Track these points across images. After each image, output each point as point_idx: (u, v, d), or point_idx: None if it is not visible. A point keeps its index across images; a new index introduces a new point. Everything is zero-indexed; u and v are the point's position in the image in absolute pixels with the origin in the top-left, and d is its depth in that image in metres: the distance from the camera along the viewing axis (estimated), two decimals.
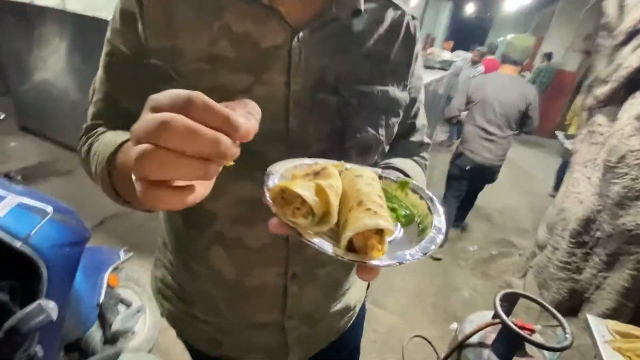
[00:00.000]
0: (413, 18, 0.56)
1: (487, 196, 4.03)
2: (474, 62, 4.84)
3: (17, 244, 0.87)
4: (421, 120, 0.66)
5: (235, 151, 0.25)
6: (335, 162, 0.40)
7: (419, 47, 0.57)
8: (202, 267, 0.57)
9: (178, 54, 0.44)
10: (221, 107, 0.24)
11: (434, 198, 0.39)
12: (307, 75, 0.46)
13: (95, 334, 1.23)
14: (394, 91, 0.53)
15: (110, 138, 0.44)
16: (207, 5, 0.43)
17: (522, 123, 2.26)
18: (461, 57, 5.25)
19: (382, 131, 0.53)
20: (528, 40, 2.27)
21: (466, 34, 14.95)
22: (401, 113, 0.56)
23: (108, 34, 0.48)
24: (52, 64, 3.04)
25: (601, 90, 1.81)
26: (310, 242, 0.30)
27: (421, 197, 0.39)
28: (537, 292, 2.09)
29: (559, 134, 2.94)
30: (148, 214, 2.49)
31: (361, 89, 0.49)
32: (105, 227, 2.30)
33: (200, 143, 0.22)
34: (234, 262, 0.54)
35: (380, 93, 0.51)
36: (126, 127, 0.35)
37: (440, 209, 0.37)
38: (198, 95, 0.23)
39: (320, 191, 0.31)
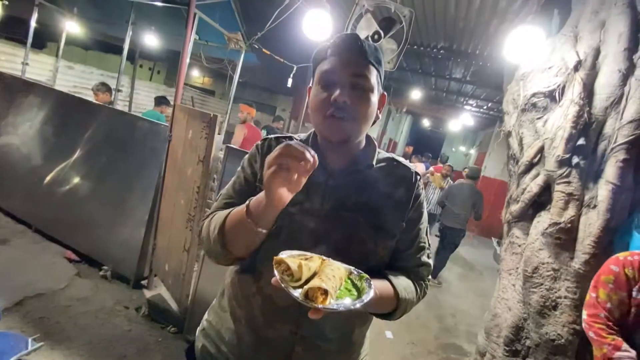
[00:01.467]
0: (417, 174, 0.83)
1: (443, 295, 4.12)
2: (445, 176, 5.43)
3: None
4: (421, 242, 0.83)
5: (310, 159, 0.57)
6: (322, 257, 0.64)
7: (419, 192, 0.82)
8: (244, 311, 0.79)
9: None
10: (301, 145, 0.58)
11: (372, 285, 0.61)
12: (334, 200, 0.75)
13: None
14: (393, 219, 0.78)
15: (225, 210, 0.75)
16: None
17: (475, 211, 4.35)
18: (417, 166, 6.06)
19: (380, 244, 0.77)
20: (478, 171, 4.70)
21: (424, 142, 16.98)
22: (398, 235, 0.79)
23: (238, 169, 0.84)
24: (23, 131, 3.10)
25: (514, 207, 2.13)
26: (286, 288, 0.54)
27: (368, 285, 0.62)
28: None
29: (494, 240, 3.23)
30: (79, 295, 2.28)
31: (368, 212, 0.76)
32: (23, 308, 2.06)
33: (298, 151, 0.56)
34: (265, 312, 0.76)
35: (382, 217, 0.76)
36: None
37: (372, 293, 0.59)
38: (289, 143, 0.58)
39: (300, 266, 0.57)
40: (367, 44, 0.74)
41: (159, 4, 2.90)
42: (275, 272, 0.56)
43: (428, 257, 0.85)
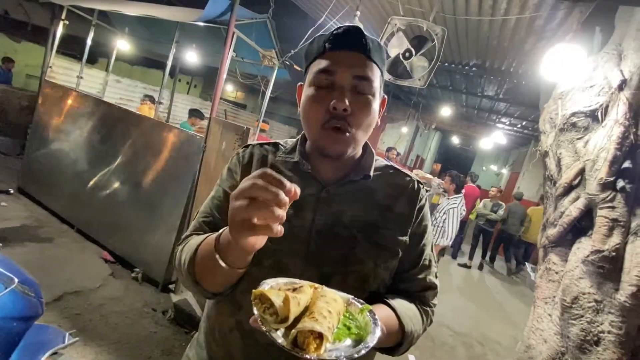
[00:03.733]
0: (419, 183, 0.75)
1: (471, 321, 3.91)
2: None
3: None
4: (426, 260, 0.73)
5: (286, 200, 0.42)
6: (314, 284, 0.52)
7: (423, 203, 0.73)
8: (221, 349, 0.67)
9: None
10: (277, 175, 0.43)
11: (378, 322, 0.49)
12: (328, 215, 0.65)
13: None
14: (394, 234, 0.68)
15: (198, 238, 0.64)
16: (272, 170, 0.71)
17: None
18: (437, 181, 5.85)
19: (380, 264, 0.66)
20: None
21: (452, 159, 16.53)
22: (400, 252, 0.68)
23: (218, 181, 0.74)
24: (74, 138, 3.38)
25: (551, 232, 2.01)
26: (267, 332, 0.42)
27: (374, 322, 0.50)
28: None
29: (528, 266, 3.05)
30: (112, 295, 2.40)
31: (366, 228, 0.66)
32: (61, 304, 2.19)
33: (268, 193, 0.42)
34: (244, 350, 0.64)
35: (382, 233, 0.67)
36: None
37: (378, 332, 0.47)
38: (265, 170, 0.44)
39: (286, 300, 0.44)
40: (370, 40, 0.62)
41: (202, 24, 3.10)
42: (255, 310, 0.44)
43: (435, 276, 0.75)
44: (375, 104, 0.64)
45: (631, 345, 1.61)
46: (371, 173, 0.70)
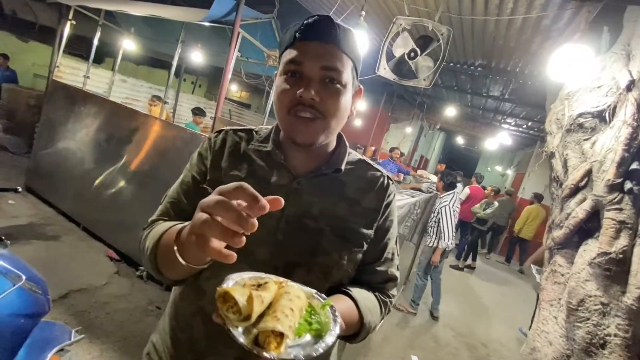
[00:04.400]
0: (389, 179, 0.76)
1: (475, 322, 3.89)
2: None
3: None
4: (389, 254, 0.76)
5: (253, 224, 0.40)
6: (280, 279, 0.52)
7: (391, 199, 0.75)
8: (184, 334, 0.69)
9: (219, 182, 0.60)
10: (250, 189, 0.41)
11: (338, 319, 0.50)
12: (298, 206, 0.66)
13: None
14: (361, 228, 0.70)
15: (163, 225, 0.63)
16: (243, 159, 0.70)
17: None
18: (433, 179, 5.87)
19: (345, 256, 0.68)
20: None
21: (457, 160, 16.44)
22: (365, 245, 0.71)
23: (188, 165, 0.74)
24: (80, 137, 3.41)
25: (557, 233, 2.00)
26: (230, 330, 0.42)
27: (334, 318, 0.51)
28: None
29: (533, 267, 3.03)
30: (118, 293, 2.42)
31: (334, 221, 0.67)
32: (67, 301, 2.21)
33: (233, 215, 0.39)
34: (207, 335, 0.66)
35: (348, 227, 0.68)
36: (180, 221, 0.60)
37: (337, 330, 0.48)
38: (241, 185, 0.41)
39: (250, 298, 0.44)
40: (342, 30, 0.62)
41: (207, 24, 3.12)
42: (218, 306, 0.44)
43: (397, 269, 0.77)
44: (347, 94, 0.64)
45: (638, 349, 1.59)
46: (343, 167, 0.70)
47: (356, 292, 0.67)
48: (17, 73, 5.93)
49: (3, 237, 1.19)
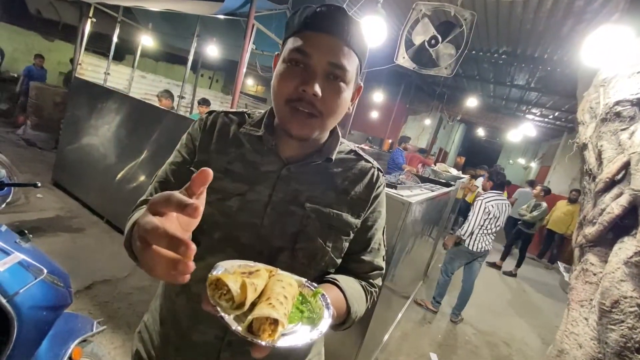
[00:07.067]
0: (379, 170, 0.76)
1: (497, 320, 3.78)
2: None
3: (3, 300, 0.93)
4: (376, 244, 0.76)
5: (190, 253, 0.36)
6: (270, 267, 0.52)
7: (380, 190, 0.75)
8: (169, 313, 0.71)
9: (206, 164, 0.57)
10: (178, 197, 0.38)
11: (330, 308, 0.50)
12: (285, 192, 0.66)
13: None
14: (347, 217, 0.70)
15: (139, 212, 0.61)
16: (233, 142, 0.69)
17: None
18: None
19: (329, 243, 0.67)
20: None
21: (477, 152, 15.94)
22: (352, 234, 0.71)
23: (178, 145, 0.73)
24: (102, 133, 3.50)
25: (589, 230, 1.87)
26: (222, 318, 0.41)
27: (326, 306, 0.50)
28: None
29: (560, 265, 2.89)
30: (139, 284, 2.48)
31: (320, 208, 0.67)
32: (91, 292, 2.29)
33: (169, 243, 0.35)
34: (189, 314, 0.67)
35: (334, 215, 0.68)
36: None
37: (330, 317, 0.48)
38: (170, 196, 0.38)
39: (243, 286, 0.44)
40: (353, 24, 0.60)
41: (222, 16, 3.10)
42: (209, 293, 0.43)
43: (383, 259, 0.78)
44: (348, 92, 0.64)
45: None
46: (334, 157, 0.70)
47: (343, 281, 0.67)
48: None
49: (26, 232, 1.21)
